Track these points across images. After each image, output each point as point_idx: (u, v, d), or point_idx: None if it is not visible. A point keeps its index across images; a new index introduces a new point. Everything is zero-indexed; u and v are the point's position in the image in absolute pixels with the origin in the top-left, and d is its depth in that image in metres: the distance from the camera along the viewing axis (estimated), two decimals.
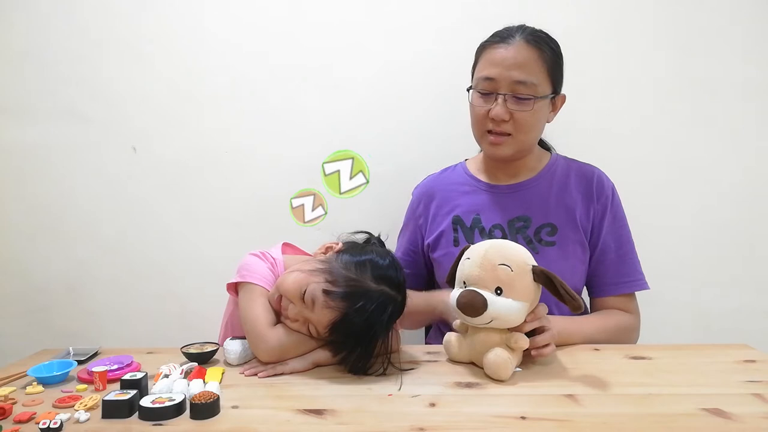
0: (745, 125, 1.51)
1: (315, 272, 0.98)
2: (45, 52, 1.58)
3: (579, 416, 0.76)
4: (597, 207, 1.20)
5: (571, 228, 1.18)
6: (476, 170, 1.31)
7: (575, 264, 1.19)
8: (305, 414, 0.79)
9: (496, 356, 0.91)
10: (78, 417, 0.79)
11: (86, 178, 1.62)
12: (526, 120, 1.14)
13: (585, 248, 1.20)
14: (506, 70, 1.12)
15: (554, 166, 1.25)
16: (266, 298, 1.05)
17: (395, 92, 1.56)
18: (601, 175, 1.24)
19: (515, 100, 1.13)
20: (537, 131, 1.20)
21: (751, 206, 1.52)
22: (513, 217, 1.21)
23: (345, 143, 1.54)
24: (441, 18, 1.53)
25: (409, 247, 1.35)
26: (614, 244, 1.20)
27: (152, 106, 1.59)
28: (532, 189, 1.23)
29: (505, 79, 1.12)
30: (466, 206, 1.26)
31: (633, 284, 1.20)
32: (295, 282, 0.99)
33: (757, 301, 1.53)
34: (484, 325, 0.93)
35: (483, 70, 1.16)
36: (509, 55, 1.13)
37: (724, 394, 0.82)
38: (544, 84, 1.14)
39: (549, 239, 1.18)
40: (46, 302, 1.65)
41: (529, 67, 1.12)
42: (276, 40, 1.56)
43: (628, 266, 1.20)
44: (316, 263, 1.01)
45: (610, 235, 1.20)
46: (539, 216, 1.20)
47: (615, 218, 1.21)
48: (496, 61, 1.14)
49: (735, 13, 1.48)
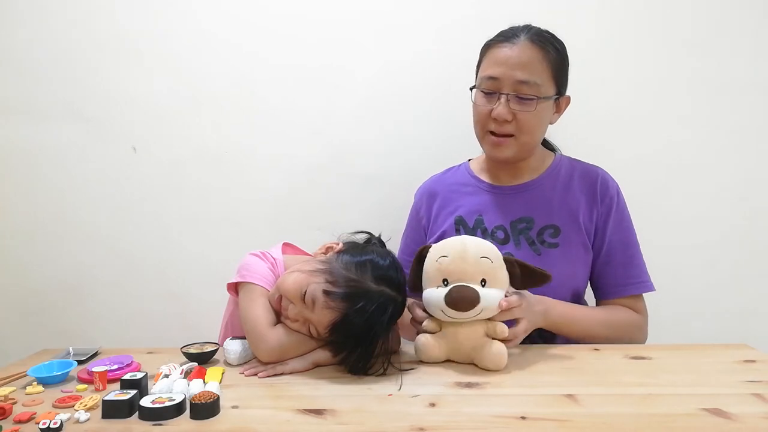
0: (748, 125, 1.51)
1: (315, 272, 0.98)
2: (45, 52, 1.58)
3: (579, 416, 0.76)
4: (601, 209, 1.19)
5: (574, 230, 1.18)
6: (479, 170, 1.30)
7: (578, 266, 1.18)
8: (305, 414, 0.79)
9: (498, 349, 0.94)
10: (78, 417, 0.79)
11: (86, 178, 1.62)
12: (528, 120, 1.13)
13: (588, 250, 1.19)
14: (510, 69, 1.11)
15: (558, 167, 1.25)
16: (266, 298, 1.05)
17: (396, 92, 1.55)
18: (606, 177, 1.23)
19: (518, 100, 1.12)
20: (540, 132, 1.19)
21: (752, 206, 1.52)
22: (516, 219, 1.20)
23: (345, 143, 1.54)
24: (441, 17, 1.52)
25: (412, 247, 1.34)
26: (620, 245, 1.19)
27: (152, 106, 1.59)
28: (535, 190, 1.22)
29: (508, 78, 1.11)
30: (469, 207, 1.25)
31: (640, 286, 1.19)
32: (295, 282, 0.99)
33: (757, 301, 1.53)
34: (472, 318, 0.95)
35: (487, 69, 1.16)
36: (513, 55, 1.12)
37: (724, 394, 0.82)
38: (547, 84, 1.13)
39: (552, 241, 1.17)
40: (46, 302, 1.65)
41: (532, 67, 1.11)
42: (276, 40, 1.56)
43: (635, 268, 1.19)
44: (316, 263, 1.01)
45: (615, 236, 1.19)
46: (542, 217, 1.19)
47: (620, 220, 1.20)
48: (500, 61, 1.13)
49: (742, 12, 1.48)
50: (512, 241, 1.19)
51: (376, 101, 1.56)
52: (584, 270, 1.20)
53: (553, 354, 1.04)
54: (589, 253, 1.19)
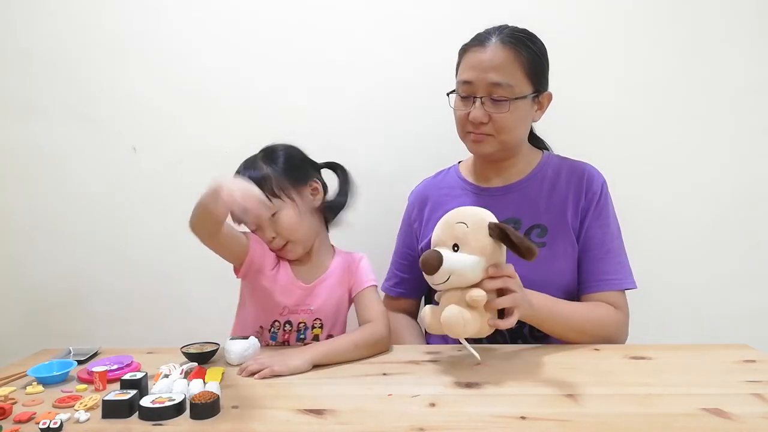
0: (747, 125, 1.51)
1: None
2: (45, 52, 1.58)
3: (579, 416, 0.76)
4: (584, 203, 1.19)
5: (562, 228, 1.19)
6: (468, 173, 1.31)
7: (565, 263, 1.18)
8: (305, 414, 0.80)
9: (449, 312, 0.90)
10: (78, 417, 0.79)
11: (86, 178, 1.62)
12: (504, 121, 1.14)
13: (575, 247, 1.19)
14: (482, 72, 1.13)
15: (546, 167, 1.25)
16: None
17: (394, 94, 1.56)
18: (592, 171, 1.23)
19: (492, 102, 1.13)
20: (519, 131, 1.20)
21: (751, 206, 1.52)
22: (503, 220, 1.20)
23: (344, 144, 1.54)
24: (439, 21, 1.53)
25: (405, 251, 1.36)
26: (597, 240, 1.18)
27: (152, 106, 1.59)
28: (522, 191, 1.23)
29: (481, 81, 1.13)
30: None
31: (615, 282, 1.17)
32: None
33: (757, 301, 1.53)
34: (443, 283, 0.93)
35: (462, 73, 1.18)
36: (485, 58, 1.13)
37: (724, 394, 0.82)
38: (522, 84, 1.14)
39: (539, 240, 1.18)
40: (46, 302, 1.65)
41: (504, 69, 1.12)
42: (276, 41, 1.56)
43: (611, 264, 1.18)
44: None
45: (593, 230, 1.19)
46: (529, 218, 1.20)
47: (600, 214, 1.19)
48: (473, 65, 1.15)
49: (737, 12, 1.48)
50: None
51: (375, 102, 1.57)
52: (572, 267, 1.19)
53: (553, 354, 1.04)
54: (576, 249, 1.19)
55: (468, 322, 0.90)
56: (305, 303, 1.16)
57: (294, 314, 1.16)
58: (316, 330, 1.17)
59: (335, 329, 1.19)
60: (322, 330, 1.17)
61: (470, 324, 0.90)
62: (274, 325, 1.17)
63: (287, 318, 1.16)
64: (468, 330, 0.91)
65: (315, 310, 1.17)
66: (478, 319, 0.92)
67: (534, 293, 1.06)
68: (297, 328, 1.16)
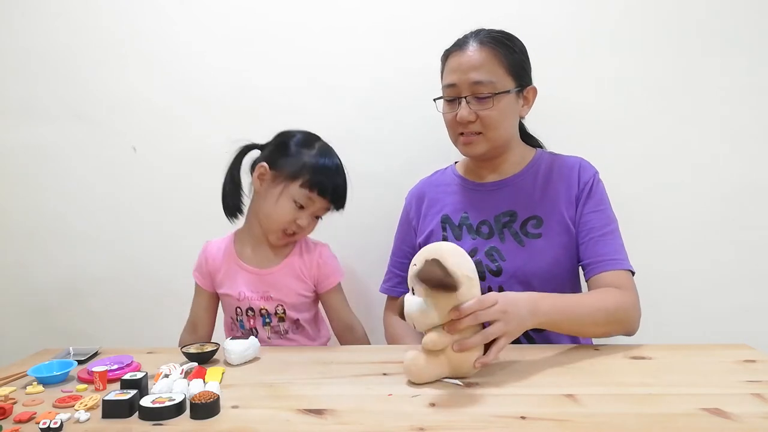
0: (746, 124, 1.50)
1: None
2: (46, 52, 1.59)
3: (579, 416, 0.76)
4: (577, 192, 1.22)
5: (557, 218, 1.20)
6: (464, 171, 1.34)
7: (562, 253, 1.19)
8: (305, 414, 0.80)
9: (405, 357, 0.90)
10: (78, 417, 0.80)
11: (86, 178, 1.62)
12: (491, 117, 1.17)
13: (571, 235, 1.20)
14: (464, 74, 1.16)
15: (539, 162, 1.27)
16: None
17: (393, 94, 1.56)
18: (584, 163, 1.25)
19: (477, 100, 1.16)
20: (507, 127, 1.22)
21: (751, 205, 1.52)
22: (499, 213, 1.24)
23: (344, 143, 1.54)
24: (438, 21, 1.53)
25: (403, 248, 1.37)
26: (595, 223, 1.19)
27: (152, 106, 1.59)
28: (517, 184, 1.25)
29: (464, 82, 1.16)
30: (454, 205, 1.29)
31: (618, 262, 1.16)
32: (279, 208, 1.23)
33: (757, 301, 1.52)
34: (417, 328, 0.91)
35: (446, 78, 1.21)
36: (465, 60, 1.17)
37: (724, 394, 0.82)
38: (503, 80, 1.17)
39: (535, 231, 1.20)
40: (46, 302, 1.65)
41: (484, 67, 1.15)
42: (276, 42, 1.56)
43: (612, 245, 1.18)
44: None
45: (589, 215, 1.20)
46: (525, 210, 1.22)
47: (594, 200, 1.21)
48: (455, 68, 1.18)
49: (733, 10, 1.48)
50: (497, 235, 1.22)
51: (375, 102, 1.57)
52: (569, 256, 1.20)
53: (553, 354, 1.04)
54: (572, 238, 1.20)
55: (422, 369, 0.88)
56: (261, 290, 1.24)
57: (255, 301, 1.24)
58: (280, 315, 1.24)
59: (303, 314, 1.27)
60: (285, 314, 1.25)
61: (430, 368, 0.88)
62: (236, 312, 1.26)
63: (248, 305, 1.24)
64: (430, 373, 0.88)
65: (276, 297, 1.24)
66: (446, 363, 0.89)
67: (539, 298, 1.03)
68: (260, 313, 1.24)
